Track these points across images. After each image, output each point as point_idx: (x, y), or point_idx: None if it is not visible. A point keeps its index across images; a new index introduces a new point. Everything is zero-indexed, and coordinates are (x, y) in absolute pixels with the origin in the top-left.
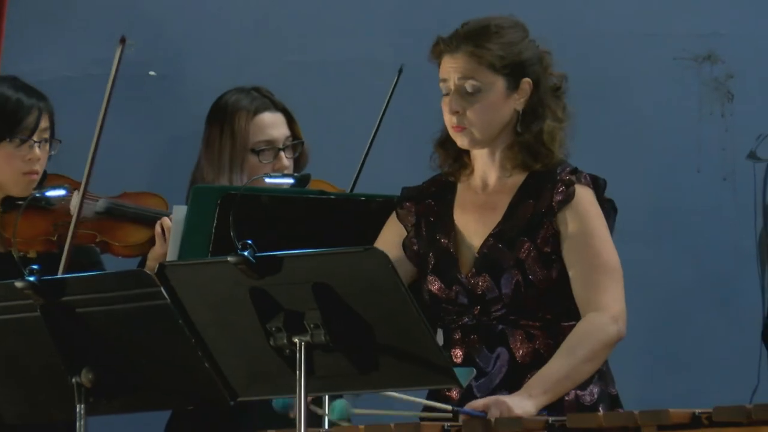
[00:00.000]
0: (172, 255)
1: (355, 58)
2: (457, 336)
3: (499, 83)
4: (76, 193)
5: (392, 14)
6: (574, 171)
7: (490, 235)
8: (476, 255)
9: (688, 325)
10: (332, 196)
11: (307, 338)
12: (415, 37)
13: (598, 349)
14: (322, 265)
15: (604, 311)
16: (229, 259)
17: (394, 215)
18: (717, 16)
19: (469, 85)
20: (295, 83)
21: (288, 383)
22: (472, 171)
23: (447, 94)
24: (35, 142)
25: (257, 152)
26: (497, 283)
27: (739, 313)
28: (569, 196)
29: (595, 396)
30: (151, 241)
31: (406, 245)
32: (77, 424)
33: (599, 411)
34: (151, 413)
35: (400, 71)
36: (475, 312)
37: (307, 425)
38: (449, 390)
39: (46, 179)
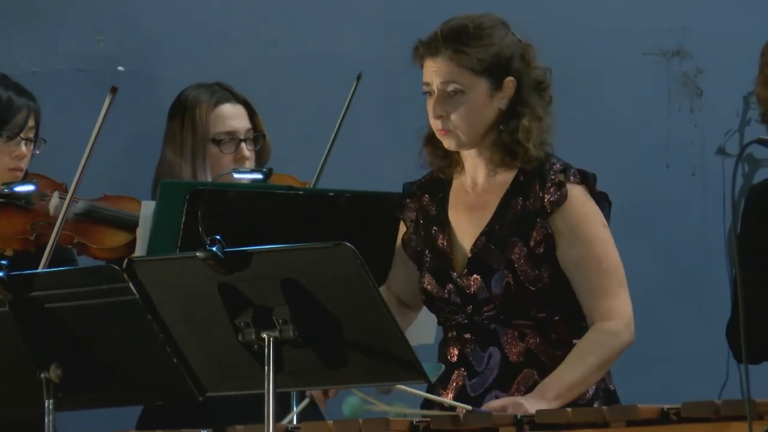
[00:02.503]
0: (140, 250)
1: (323, 53)
2: (452, 334)
3: (482, 85)
4: (56, 194)
5: (360, 9)
6: (564, 169)
7: (481, 235)
8: (468, 255)
9: (658, 320)
10: (301, 192)
11: (276, 334)
12: (382, 31)
13: (612, 357)
14: (290, 261)
15: (617, 318)
16: (197, 254)
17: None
18: (686, 11)
19: (451, 89)
20: (265, 78)
21: (256, 379)
22: (463, 168)
23: (429, 94)
24: (22, 139)
25: (218, 142)
26: (488, 284)
27: (708, 308)
28: (562, 197)
29: (592, 391)
30: (129, 246)
31: (405, 242)
32: (46, 419)
33: (595, 405)
34: (121, 409)
35: (359, 78)
36: (468, 311)
37: (276, 420)
38: (444, 390)
39: (27, 177)
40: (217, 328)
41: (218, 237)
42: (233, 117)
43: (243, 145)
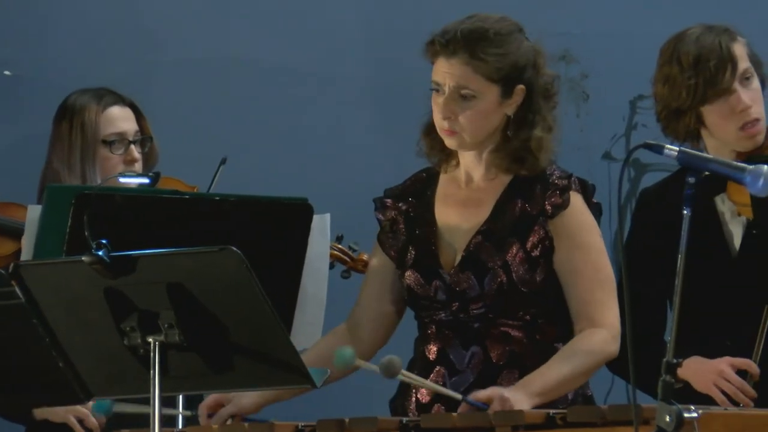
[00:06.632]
0: (26, 254)
1: (213, 57)
2: (432, 331)
3: (494, 91)
4: None
5: (260, 11)
6: (567, 175)
7: (478, 233)
8: (462, 252)
9: None
10: (186, 196)
11: (161, 338)
12: (277, 35)
13: (596, 366)
14: (176, 265)
15: (607, 328)
16: (83, 258)
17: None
18: (571, 16)
19: (463, 92)
20: (154, 82)
21: (143, 383)
22: (458, 163)
23: (437, 91)
24: None
25: (108, 144)
26: (480, 282)
27: None
28: (565, 202)
29: (571, 395)
30: (17, 254)
31: (381, 240)
32: None
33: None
34: (7, 426)
35: (223, 162)
36: (453, 308)
37: (162, 425)
38: (418, 393)
39: None
40: (104, 332)
41: (104, 241)
42: (122, 119)
43: (132, 146)
